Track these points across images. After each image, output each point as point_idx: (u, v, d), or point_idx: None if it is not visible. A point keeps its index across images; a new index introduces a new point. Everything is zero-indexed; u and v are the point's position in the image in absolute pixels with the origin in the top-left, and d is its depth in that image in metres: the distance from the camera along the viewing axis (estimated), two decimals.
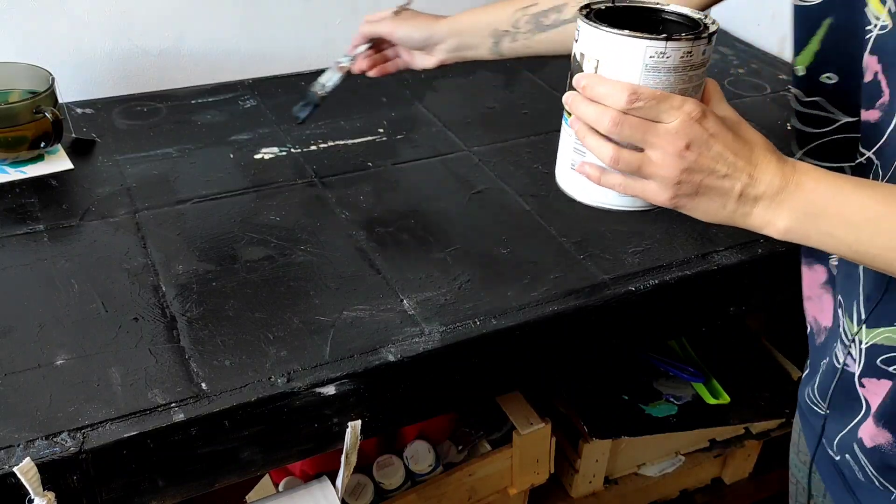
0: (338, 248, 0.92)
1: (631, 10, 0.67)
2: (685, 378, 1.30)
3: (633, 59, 0.59)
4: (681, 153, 0.57)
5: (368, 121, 1.20)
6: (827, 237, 0.58)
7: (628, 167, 0.60)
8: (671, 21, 0.67)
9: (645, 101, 0.57)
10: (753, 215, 0.59)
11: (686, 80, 0.60)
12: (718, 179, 0.58)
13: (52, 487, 0.66)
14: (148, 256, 0.89)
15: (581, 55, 0.62)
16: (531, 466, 1.16)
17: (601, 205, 0.67)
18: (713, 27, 0.62)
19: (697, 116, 0.57)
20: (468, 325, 0.81)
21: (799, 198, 0.58)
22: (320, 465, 1.07)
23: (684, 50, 0.59)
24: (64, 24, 1.19)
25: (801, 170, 0.58)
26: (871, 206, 0.56)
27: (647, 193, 0.61)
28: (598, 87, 0.59)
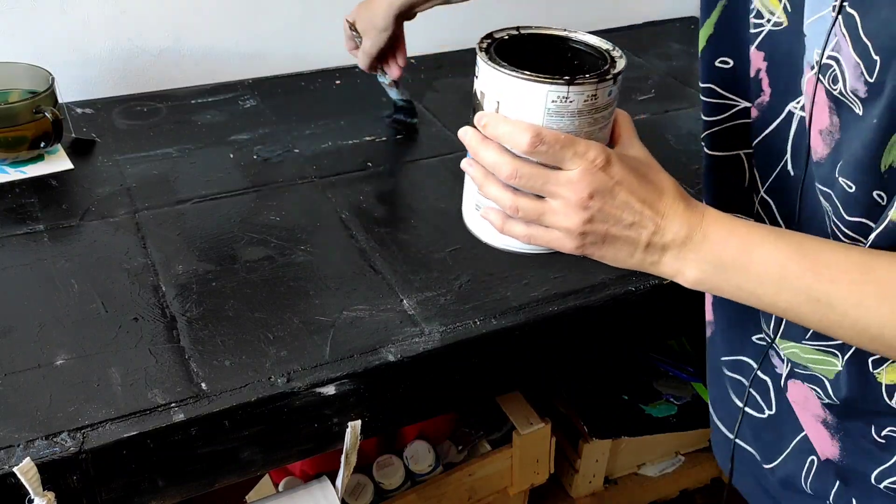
0: (338, 248, 0.92)
1: (537, 38, 0.63)
2: (685, 378, 1.30)
3: (534, 102, 0.56)
4: (583, 203, 0.55)
5: (368, 121, 1.20)
6: (736, 290, 0.57)
7: (528, 217, 0.58)
8: (580, 50, 0.63)
9: (548, 146, 0.55)
10: (662, 264, 0.58)
11: (591, 122, 0.58)
12: (625, 229, 0.56)
13: (52, 487, 0.66)
14: (148, 256, 0.89)
15: (481, 93, 0.59)
16: (531, 466, 1.16)
17: (508, 248, 0.64)
18: (620, 63, 0.60)
19: (601, 164, 0.55)
20: (468, 325, 0.81)
21: (706, 249, 0.56)
22: (320, 465, 1.07)
23: (588, 93, 0.56)
24: (64, 24, 1.19)
25: (709, 219, 0.57)
26: (776, 259, 0.54)
27: (552, 243, 0.59)
28: (500, 127, 0.57)
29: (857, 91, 0.53)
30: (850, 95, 0.54)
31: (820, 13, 0.56)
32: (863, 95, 0.53)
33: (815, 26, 0.56)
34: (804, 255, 0.54)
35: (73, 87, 1.21)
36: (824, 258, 0.54)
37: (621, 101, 0.62)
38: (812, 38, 0.57)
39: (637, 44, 1.50)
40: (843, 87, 0.54)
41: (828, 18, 0.55)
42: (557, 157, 0.55)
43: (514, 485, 1.16)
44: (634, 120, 0.64)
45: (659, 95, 1.30)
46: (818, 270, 0.53)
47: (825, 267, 0.53)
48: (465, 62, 1.40)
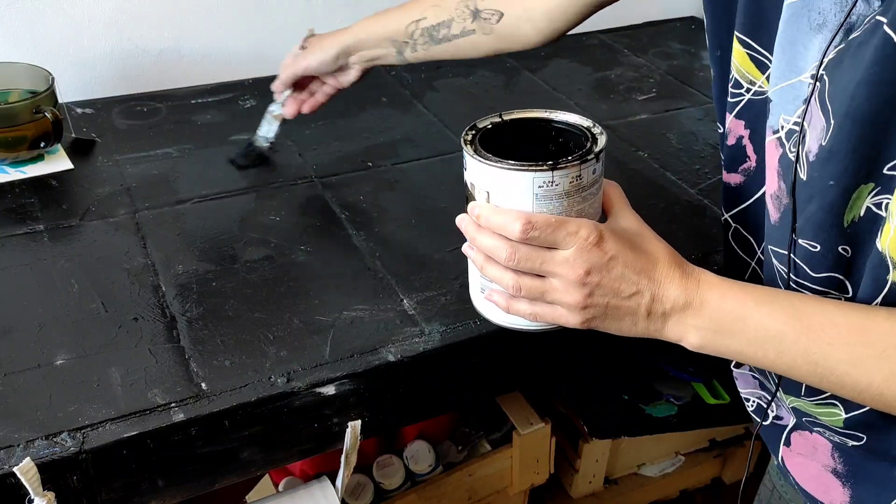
0: (338, 248, 0.92)
1: (520, 122, 0.66)
2: (685, 378, 1.30)
3: (521, 189, 0.59)
4: (581, 279, 0.57)
5: (368, 121, 1.20)
6: (736, 354, 0.58)
7: (530, 294, 0.60)
8: (562, 129, 0.66)
9: (540, 231, 0.57)
10: (666, 330, 0.59)
11: (579, 201, 0.60)
12: (625, 300, 0.58)
13: (52, 487, 0.66)
14: (148, 256, 0.89)
15: (471, 185, 0.62)
16: (531, 466, 1.16)
17: (517, 327, 0.66)
18: (601, 140, 0.61)
19: (594, 241, 0.57)
20: (468, 325, 0.81)
21: (704, 315, 0.57)
22: (320, 465, 1.07)
23: (573, 175, 0.59)
24: (64, 24, 1.19)
25: (706, 285, 0.58)
26: (772, 325, 0.55)
27: (558, 320, 0.61)
28: (492, 218, 0.59)
29: (809, 152, 0.54)
30: (802, 158, 0.55)
31: (789, 80, 0.57)
32: (812, 158, 0.54)
33: (783, 93, 0.58)
34: (799, 319, 0.55)
35: (73, 87, 1.21)
36: (818, 320, 0.55)
37: (623, 103, 0.62)
38: (779, 104, 0.58)
39: (637, 43, 1.50)
40: (799, 151, 0.56)
41: (798, 86, 0.56)
42: (550, 240, 0.57)
43: (514, 485, 1.16)
44: (636, 120, 0.64)
45: (660, 95, 1.30)
46: (814, 333, 0.54)
47: (821, 329, 0.54)
48: (466, 62, 1.40)
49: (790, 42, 0.56)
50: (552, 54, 1.43)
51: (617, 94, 1.29)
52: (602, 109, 1.24)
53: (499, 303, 0.63)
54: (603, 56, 1.45)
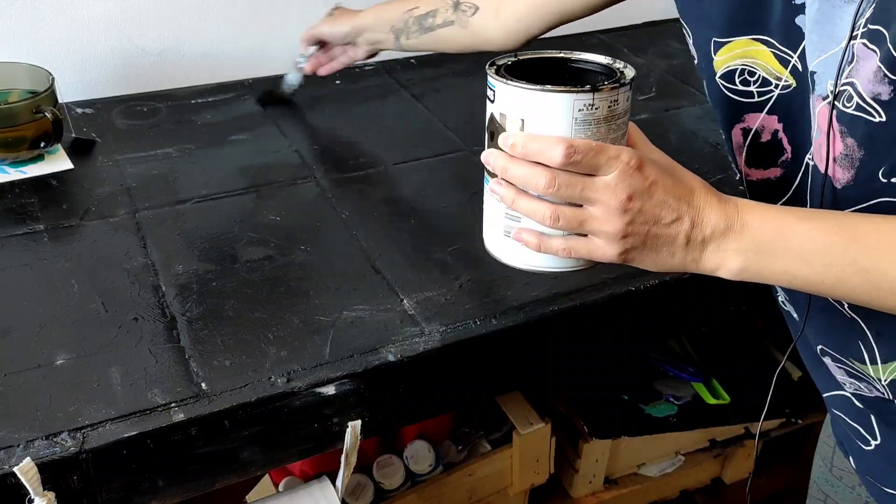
0: (338, 248, 0.92)
1: (536, 61, 0.64)
2: (685, 378, 1.30)
3: (561, 114, 0.57)
4: (624, 205, 0.56)
5: (368, 121, 1.20)
6: (781, 274, 0.57)
7: (569, 224, 0.58)
8: (582, 70, 0.64)
9: (582, 154, 0.55)
10: (704, 259, 0.58)
11: (614, 129, 0.59)
12: (665, 227, 0.57)
13: (52, 487, 0.66)
14: (148, 256, 0.89)
15: (501, 115, 0.59)
16: (531, 466, 1.15)
17: (539, 269, 0.64)
18: (629, 72, 0.61)
19: (636, 165, 0.56)
20: (468, 325, 0.81)
21: (746, 237, 0.57)
22: (320, 465, 1.07)
23: (611, 99, 0.57)
24: (64, 24, 1.19)
25: (745, 208, 0.57)
26: (818, 236, 0.55)
27: (593, 253, 0.59)
28: (531, 145, 0.56)
29: (879, 95, 0.54)
30: (870, 105, 0.55)
31: (831, 51, 0.58)
32: (886, 97, 0.54)
33: (826, 63, 0.58)
34: (845, 229, 0.55)
35: (73, 87, 1.21)
36: (865, 228, 0.54)
37: None
38: (824, 73, 0.59)
39: (637, 43, 1.50)
40: (861, 101, 0.56)
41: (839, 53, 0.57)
42: (592, 165, 0.55)
43: (514, 485, 1.16)
44: (636, 119, 0.65)
45: (660, 94, 1.30)
46: (861, 241, 0.54)
47: (867, 237, 0.54)
48: (465, 62, 1.40)
49: (827, 17, 0.57)
50: None
51: None
52: None
53: (529, 242, 0.61)
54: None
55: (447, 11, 0.98)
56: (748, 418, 1.31)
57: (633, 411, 1.26)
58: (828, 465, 0.86)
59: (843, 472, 0.82)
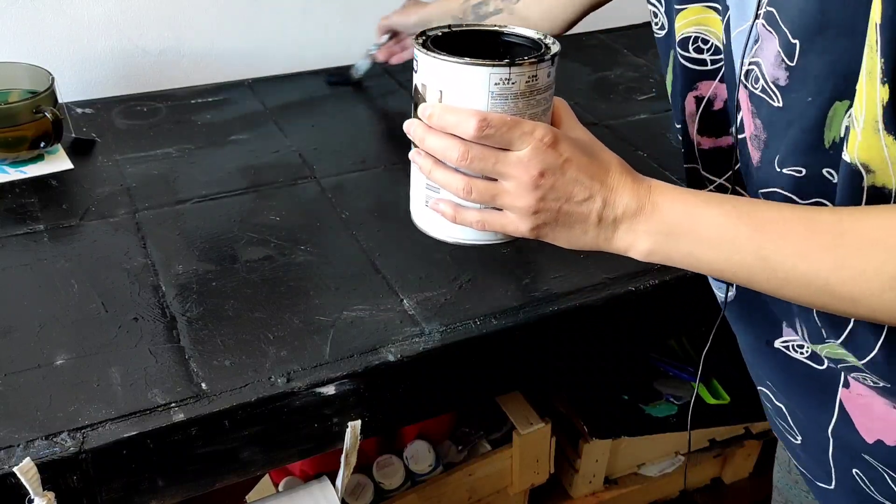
0: (338, 248, 0.92)
1: (469, 34, 0.65)
2: (685, 378, 1.30)
3: (477, 87, 0.57)
4: (535, 181, 0.56)
5: (368, 121, 1.20)
6: (688, 257, 0.57)
7: (482, 198, 0.59)
8: (512, 44, 0.65)
9: (495, 129, 0.56)
10: (615, 239, 0.58)
11: (534, 104, 0.59)
12: (577, 205, 0.57)
13: (52, 487, 0.66)
14: (148, 256, 0.89)
15: (423, 86, 0.60)
16: (531, 466, 1.16)
17: (459, 241, 0.65)
18: (554, 48, 0.61)
19: (550, 142, 0.56)
20: (468, 325, 0.81)
21: (656, 219, 0.57)
22: (320, 465, 1.07)
23: (529, 74, 0.57)
24: (64, 24, 1.19)
25: (657, 190, 0.58)
26: (725, 222, 0.55)
27: (506, 226, 0.60)
28: (446, 116, 0.57)
29: (777, 80, 0.55)
30: (770, 88, 0.56)
31: (742, 26, 0.58)
32: (783, 83, 0.55)
33: (739, 38, 0.59)
34: (750, 216, 0.55)
35: (73, 87, 1.21)
36: (769, 216, 0.55)
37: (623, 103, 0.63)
38: (737, 49, 0.59)
39: (637, 44, 1.50)
40: (764, 83, 0.56)
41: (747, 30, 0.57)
42: (505, 139, 0.56)
43: (514, 485, 1.16)
44: (635, 120, 0.65)
45: (659, 95, 1.30)
46: (765, 228, 0.54)
47: (772, 224, 0.54)
48: None
49: None
50: None
51: (616, 94, 1.29)
52: (601, 109, 1.24)
53: (445, 212, 0.62)
54: (603, 56, 1.45)
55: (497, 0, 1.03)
56: (748, 418, 1.31)
57: (633, 411, 1.26)
58: (785, 468, 0.87)
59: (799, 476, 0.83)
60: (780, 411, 0.74)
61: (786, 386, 0.72)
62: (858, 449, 0.66)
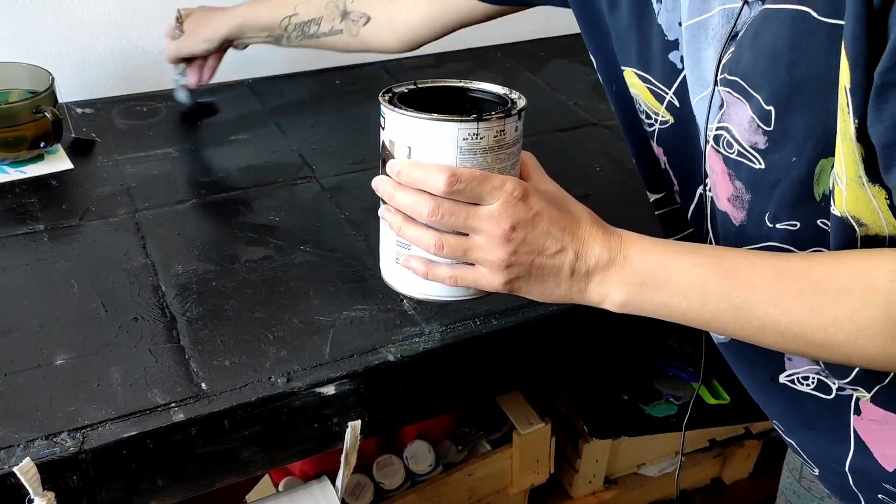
0: (338, 248, 0.92)
1: (436, 90, 0.65)
2: (685, 378, 1.30)
3: (446, 142, 0.57)
4: (507, 235, 0.56)
5: (368, 121, 1.20)
6: (661, 307, 0.57)
7: (454, 253, 0.58)
8: (479, 99, 0.65)
9: (465, 183, 0.56)
10: (589, 291, 0.59)
11: (502, 158, 0.59)
12: (549, 258, 0.57)
13: (52, 487, 0.66)
14: (148, 256, 0.89)
15: (391, 142, 0.60)
16: (531, 466, 1.16)
17: (432, 298, 0.65)
18: (521, 102, 0.61)
19: (520, 195, 0.56)
20: (468, 325, 0.81)
21: (628, 270, 0.57)
22: (320, 465, 1.07)
23: (497, 129, 0.58)
24: (64, 24, 1.19)
25: (628, 241, 0.58)
26: (696, 271, 0.55)
27: (479, 281, 0.59)
28: (415, 172, 0.57)
29: (756, 145, 0.55)
30: (749, 152, 0.56)
31: (702, 93, 0.59)
32: (762, 146, 0.55)
33: (701, 105, 0.59)
34: (721, 265, 0.55)
35: (73, 87, 1.21)
36: (740, 265, 0.55)
37: None
38: (700, 115, 0.60)
39: None
40: (741, 148, 0.56)
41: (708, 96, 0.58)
42: (475, 194, 0.56)
43: (514, 485, 1.16)
44: None
45: None
46: (736, 277, 0.54)
47: (743, 273, 0.54)
48: (465, 62, 1.40)
49: (695, 60, 0.58)
50: (552, 55, 1.43)
51: None
52: (601, 110, 1.24)
53: (416, 269, 0.61)
54: None
55: (334, 20, 0.98)
56: (748, 418, 1.31)
57: (633, 411, 1.26)
58: (796, 475, 0.86)
59: (812, 483, 0.82)
60: (792, 445, 0.74)
61: (796, 422, 0.71)
62: (879, 479, 0.66)
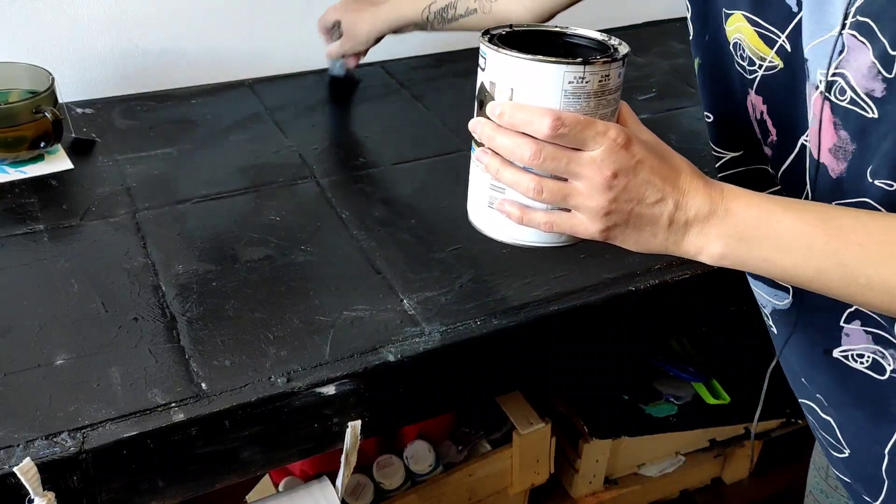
0: (338, 248, 0.92)
1: (532, 34, 0.64)
2: (685, 378, 1.30)
3: (551, 85, 0.56)
4: (608, 182, 0.55)
5: (368, 121, 1.20)
6: (761, 262, 0.56)
7: (553, 198, 0.57)
8: (575, 45, 0.64)
9: (570, 128, 0.54)
10: (686, 242, 0.57)
11: (604, 104, 0.58)
12: (648, 207, 0.56)
13: (52, 487, 0.66)
14: (148, 256, 0.89)
15: (491, 84, 0.59)
16: (531, 466, 1.16)
17: (522, 243, 0.63)
18: (623, 49, 0.60)
19: (623, 142, 0.55)
20: (468, 325, 0.81)
21: (729, 222, 0.56)
22: (320, 465, 1.07)
23: (602, 73, 0.57)
24: (64, 23, 1.19)
25: (730, 194, 0.57)
26: (801, 227, 0.55)
27: (575, 228, 0.58)
28: (518, 115, 0.56)
29: (872, 92, 0.54)
30: (863, 100, 0.55)
31: (822, 37, 0.57)
32: (879, 94, 0.54)
33: (817, 49, 0.58)
34: (828, 222, 0.54)
35: (73, 87, 1.21)
36: (848, 223, 0.54)
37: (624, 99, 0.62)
38: (815, 60, 0.58)
39: (638, 43, 1.50)
40: (854, 95, 0.55)
41: (830, 41, 0.56)
42: (579, 139, 0.55)
43: (514, 485, 1.16)
44: None
45: (661, 94, 1.30)
46: (844, 235, 0.53)
47: (851, 231, 0.53)
48: (465, 62, 1.40)
49: (818, 2, 0.56)
50: None
51: None
52: None
53: (511, 213, 0.60)
54: None
55: (468, 1, 1.01)
56: (748, 418, 1.31)
57: (633, 411, 1.26)
58: (823, 474, 0.86)
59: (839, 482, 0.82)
60: (827, 425, 0.73)
61: (841, 399, 0.70)
62: None
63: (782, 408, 1.31)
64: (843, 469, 0.73)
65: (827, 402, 0.72)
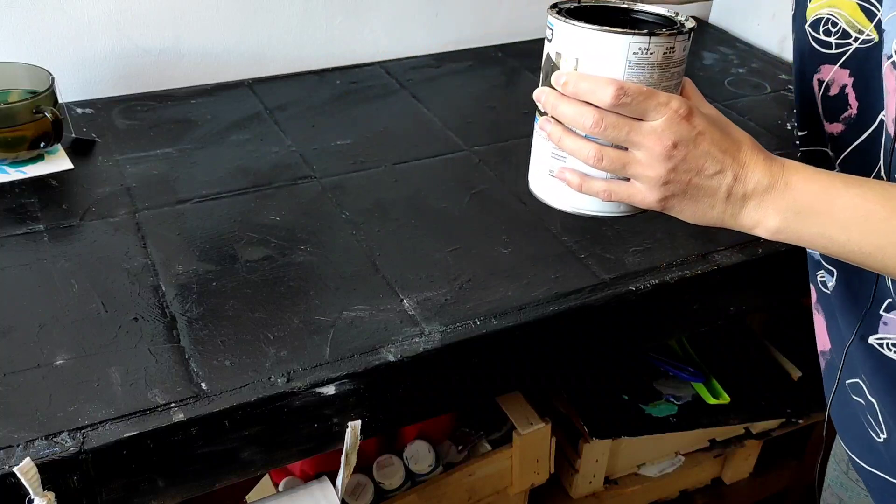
0: (338, 248, 0.92)
1: (598, 9, 0.65)
2: (685, 378, 1.30)
3: (615, 55, 0.57)
4: (668, 152, 0.56)
5: (368, 121, 1.20)
6: (818, 237, 0.57)
7: (612, 166, 0.58)
8: (640, 21, 0.65)
9: (632, 97, 0.56)
10: (743, 215, 0.58)
11: (668, 77, 0.59)
12: (707, 178, 0.57)
13: (52, 487, 0.66)
14: (148, 256, 0.89)
15: (557, 54, 0.60)
16: (531, 466, 1.15)
17: (581, 211, 0.65)
18: (689, 24, 0.61)
19: (684, 114, 0.56)
20: (468, 325, 0.81)
21: (788, 197, 0.56)
22: (320, 465, 1.07)
23: (667, 46, 0.58)
24: (64, 24, 1.19)
25: (790, 168, 0.57)
26: (861, 204, 0.55)
27: (633, 197, 0.59)
28: (581, 84, 0.57)
29: None
30: None
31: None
32: None
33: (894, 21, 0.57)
34: (889, 199, 0.54)
35: (73, 87, 1.21)
36: None
37: None
38: (892, 31, 0.58)
39: None
40: None
41: None
42: (640, 109, 0.56)
43: (514, 485, 1.16)
44: None
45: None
46: None
47: None
48: (466, 62, 1.40)
49: None
50: None
51: None
52: None
53: (571, 181, 0.62)
54: None
55: None
56: (748, 418, 1.31)
57: (633, 411, 1.26)
58: (843, 467, 0.85)
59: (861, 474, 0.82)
60: (871, 406, 0.73)
61: (881, 384, 0.70)
62: None
63: (782, 408, 1.31)
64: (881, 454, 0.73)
65: (870, 383, 0.72)
